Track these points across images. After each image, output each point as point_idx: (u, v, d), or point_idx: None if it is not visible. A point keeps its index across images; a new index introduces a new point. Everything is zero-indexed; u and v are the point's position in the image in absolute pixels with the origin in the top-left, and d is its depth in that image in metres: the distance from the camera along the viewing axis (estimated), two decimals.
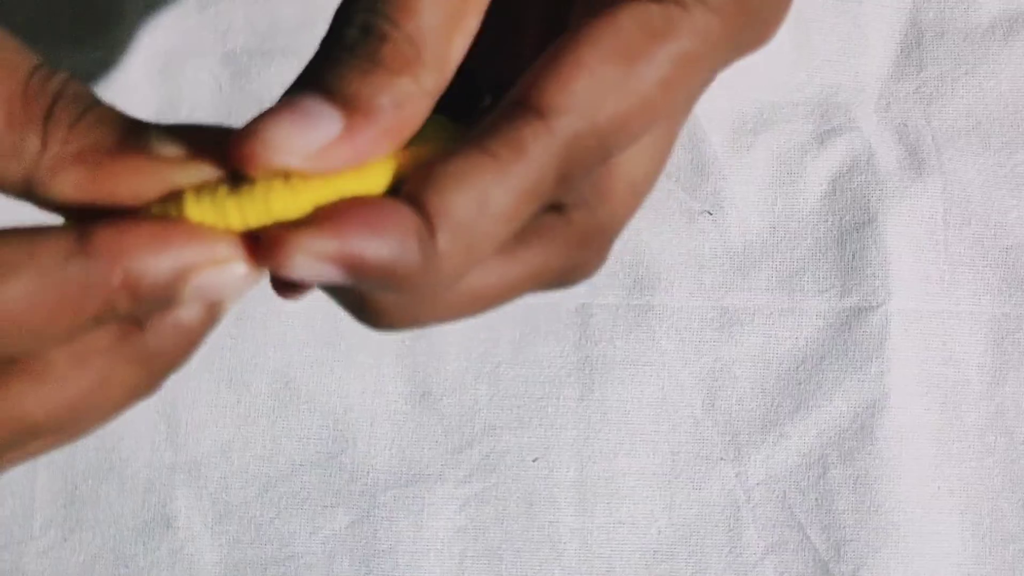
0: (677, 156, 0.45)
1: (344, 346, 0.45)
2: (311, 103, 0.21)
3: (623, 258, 0.45)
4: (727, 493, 0.44)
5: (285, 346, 0.45)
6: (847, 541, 0.44)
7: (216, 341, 0.45)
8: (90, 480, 0.44)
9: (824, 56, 0.46)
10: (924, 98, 0.46)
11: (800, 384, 0.44)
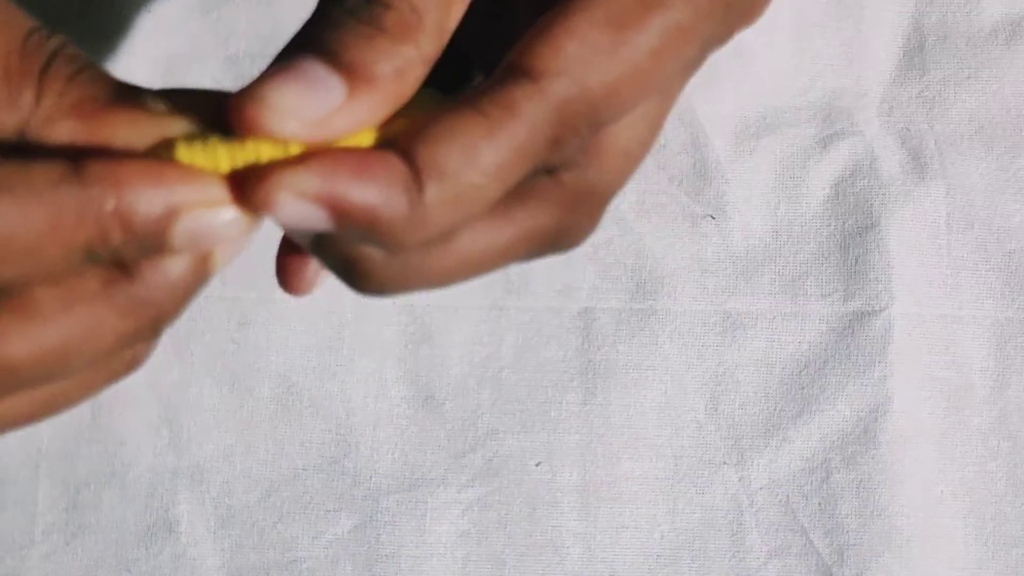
0: (680, 160, 0.46)
1: (346, 350, 0.45)
2: (314, 67, 0.21)
3: (626, 262, 0.45)
4: (730, 497, 0.44)
5: (287, 350, 0.45)
6: (850, 545, 0.44)
7: (218, 345, 0.45)
8: (92, 485, 0.44)
9: (826, 60, 0.46)
10: (927, 102, 0.46)
11: (803, 388, 0.44)
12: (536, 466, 0.44)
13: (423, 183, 0.21)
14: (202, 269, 0.23)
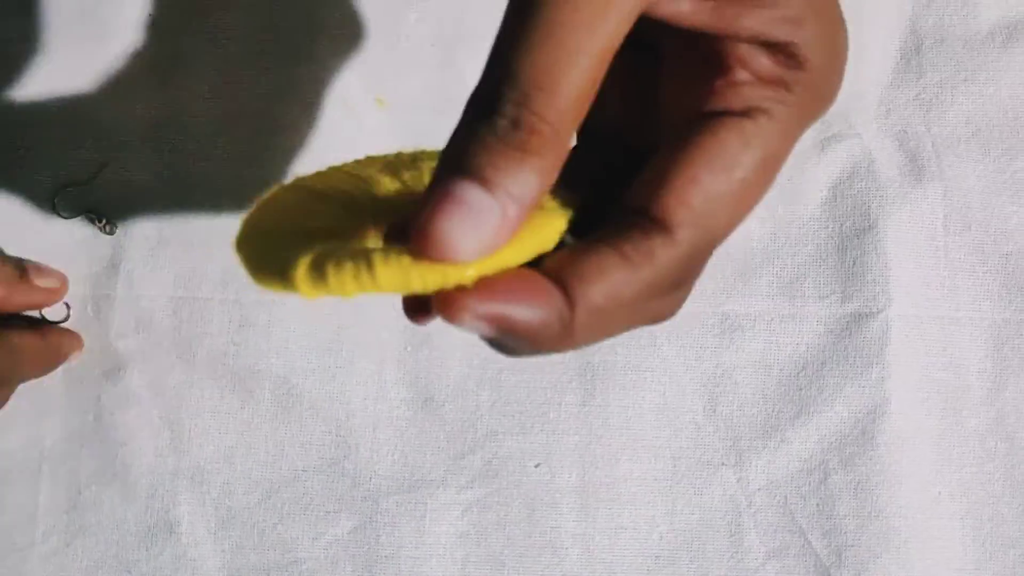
0: None
1: (346, 353, 0.45)
2: (472, 194, 0.24)
3: None
4: (728, 498, 0.44)
5: (288, 353, 0.45)
6: (848, 546, 0.44)
7: (219, 348, 0.45)
8: (93, 486, 0.45)
9: None
10: (924, 105, 0.46)
11: (801, 390, 0.44)
12: (535, 467, 0.45)
13: (575, 313, 0.25)
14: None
